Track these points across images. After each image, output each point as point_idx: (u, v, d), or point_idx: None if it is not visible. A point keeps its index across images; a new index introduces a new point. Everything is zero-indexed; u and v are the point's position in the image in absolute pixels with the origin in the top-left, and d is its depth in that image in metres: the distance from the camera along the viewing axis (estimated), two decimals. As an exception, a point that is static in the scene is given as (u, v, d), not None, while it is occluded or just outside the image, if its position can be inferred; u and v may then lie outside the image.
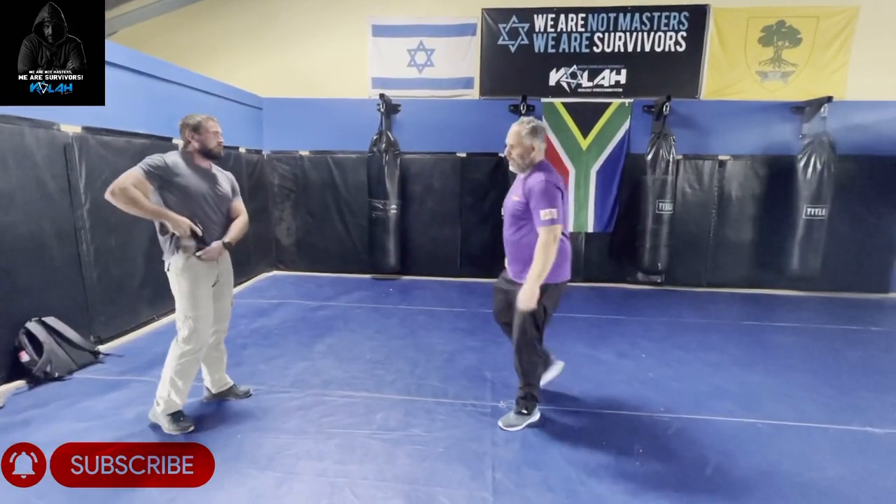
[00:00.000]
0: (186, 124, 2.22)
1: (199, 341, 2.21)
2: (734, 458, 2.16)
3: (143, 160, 2.09)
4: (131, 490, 1.83)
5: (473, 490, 1.89)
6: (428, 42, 5.59)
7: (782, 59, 5.22)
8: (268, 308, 4.32)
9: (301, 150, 5.67)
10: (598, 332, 3.84)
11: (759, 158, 5.19)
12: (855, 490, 1.94)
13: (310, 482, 1.91)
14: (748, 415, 2.53)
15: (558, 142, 5.30)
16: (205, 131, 2.22)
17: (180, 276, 2.16)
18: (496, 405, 2.59)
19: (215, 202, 2.28)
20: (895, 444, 2.29)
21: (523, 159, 2.20)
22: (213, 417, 2.40)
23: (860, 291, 5.21)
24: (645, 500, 1.85)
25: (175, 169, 2.14)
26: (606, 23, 5.33)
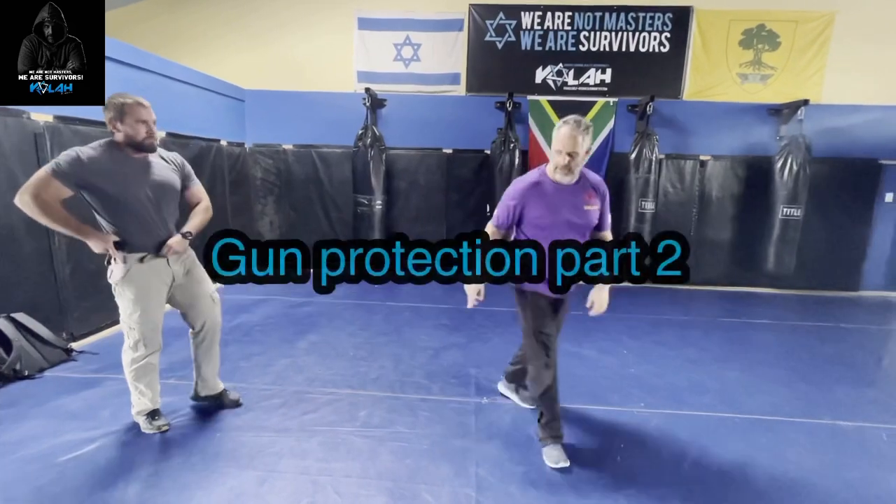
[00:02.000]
0: (109, 106, 1.87)
1: (148, 347, 2.06)
2: (711, 451, 2.21)
3: (62, 155, 1.82)
4: (105, 490, 1.78)
5: (457, 487, 1.89)
6: (414, 36, 5.54)
7: (762, 62, 5.34)
8: (249, 304, 4.24)
9: (285, 144, 5.58)
10: (582, 328, 3.88)
11: (739, 159, 5.30)
12: (825, 481, 2.01)
13: (292, 480, 1.88)
14: (725, 409, 2.59)
15: (544, 139, 5.32)
16: (130, 119, 1.87)
17: (123, 285, 1.95)
18: (479, 401, 2.60)
19: (157, 198, 1.99)
20: (863, 436, 2.37)
21: (580, 166, 1.92)
22: (192, 416, 2.35)
23: (832, 289, 5.39)
24: (626, 494, 1.88)
25: (92, 166, 1.83)
26: (592, 22, 5.37)
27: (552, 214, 1.93)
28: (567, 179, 1.91)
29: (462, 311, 4.21)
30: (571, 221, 1.95)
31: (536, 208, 1.94)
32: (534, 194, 1.94)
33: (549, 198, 1.93)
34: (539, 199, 1.94)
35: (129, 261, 1.94)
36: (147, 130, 1.91)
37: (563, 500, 1.83)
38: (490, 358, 3.20)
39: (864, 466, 2.13)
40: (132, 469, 1.92)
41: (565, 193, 1.94)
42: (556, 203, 1.93)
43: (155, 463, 1.97)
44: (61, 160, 1.81)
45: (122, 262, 1.93)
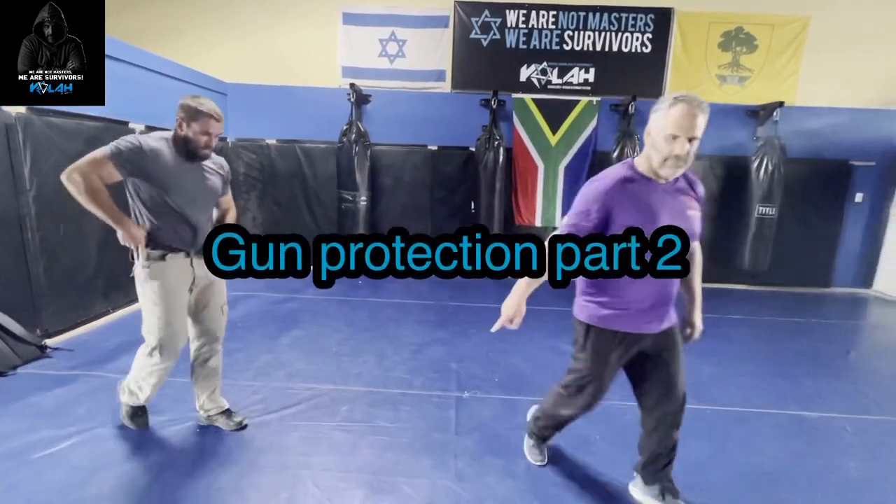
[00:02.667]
0: (184, 106, 1.83)
1: (166, 357, 1.94)
2: (684, 442, 2.24)
3: (122, 140, 1.78)
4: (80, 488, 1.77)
5: (436, 479, 1.92)
6: (400, 32, 5.53)
7: (740, 65, 5.47)
8: (231, 301, 4.15)
9: (268, 139, 5.52)
10: (564, 323, 3.92)
11: (717, 159, 5.43)
12: (791, 469, 2.09)
13: (271, 475, 1.89)
14: (699, 402, 2.67)
15: (528, 138, 5.37)
16: (196, 126, 1.82)
17: (145, 283, 1.88)
18: (461, 396, 2.63)
19: (203, 200, 1.97)
20: (827, 426, 2.48)
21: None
22: (170, 412, 2.33)
23: (805, 286, 5.57)
24: (600, 484, 1.94)
25: (153, 157, 1.80)
26: (576, 21, 5.43)
27: (649, 223, 1.47)
28: (674, 175, 1.49)
29: (446, 308, 4.25)
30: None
31: (627, 215, 1.48)
32: (623, 195, 1.49)
33: (644, 200, 1.49)
34: (631, 203, 1.48)
35: (153, 257, 1.87)
36: (206, 142, 1.87)
37: (540, 491, 1.88)
38: (472, 353, 3.23)
39: (828, 455, 2.22)
40: (108, 466, 1.90)
41: (664, 195, 1.51)
42: (654, 207, 1.49)
43: (132, 459, 1.95)
44: (122, 145, 1.77)
45: (145, 258, 1.85)
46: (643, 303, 1.57)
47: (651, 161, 1.49)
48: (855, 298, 5.33)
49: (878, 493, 1.95)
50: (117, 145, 1.76)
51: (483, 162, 5.18)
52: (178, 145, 1.87)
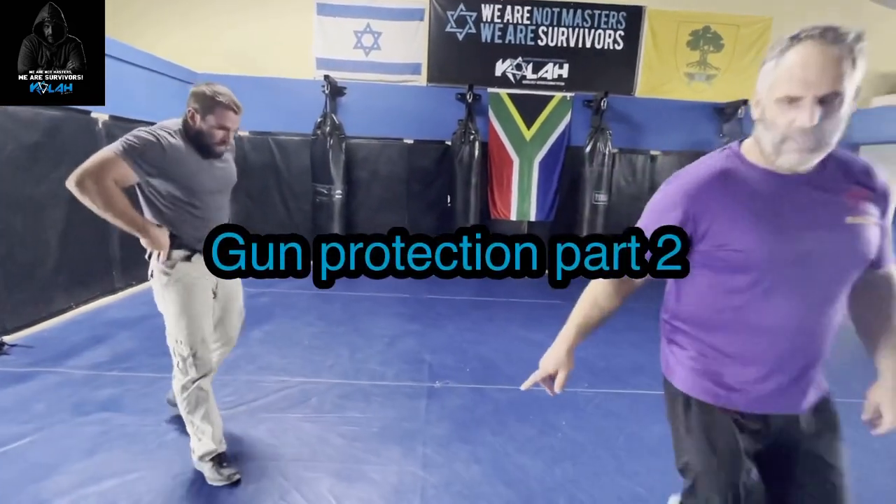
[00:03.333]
0: (197, 95, 1.63)
1: (201, 366, 1.75)
2: (646, 425, 2.37)
3: (132, 135, 1.56)
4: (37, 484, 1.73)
5: (404, 466, 1.95)
6: (375, 24, 5.48)
7: (707, 63, 5.63)
8: (202, 295, 4.12)
9: (240, 131, 5.41)
10: (536, 315, 4.02)
11: (686, 154, 5.59)
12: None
13: (237, 467, 1.88)
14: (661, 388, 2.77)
15: (503, 132, 5.42)
16: (212, 120, 1.63)
17: (167, 288, 1.69)
18: (432, 386, 2.67)
19: (222, 195, 1.82)
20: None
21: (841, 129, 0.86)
22: (131, 409, 2.29)
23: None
24: (563, 468, 2.00)
25: (172, 153, 1.60)
26: (550, 17, 5.48)
27: (772, 238, 0.90)
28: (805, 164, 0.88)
29: (421, 301, 4.27)
30: (818, 253, 0.89)
31: (732, 226, 0.92)
32: (723, 195, 0.94)
33: (760, 201, 0.91)
34: (738, 206, 0.92)
35: (175, 257, 1.70)
36: (222, 137, 1.68)
37: (505, 475, 1.93)
38: (445, 344, 3.27)
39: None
40: (67, 463, 1.86)
41: (798, 191, 0.91)
42: (779, 211, 0.91)
43: (92, 456, 1.92)
44: (135, 141, 1.55)
45: (168, 260, 1.69)
46: (773, 361, 0.96)
47: (762, 144, 0.90)
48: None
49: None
50: (129, 143, 1.54)
51: (459, 156, 5.21)
52: (189, 139, 1.67)
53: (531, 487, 1.86)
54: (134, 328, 3.30)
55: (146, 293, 4.10)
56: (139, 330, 3.27)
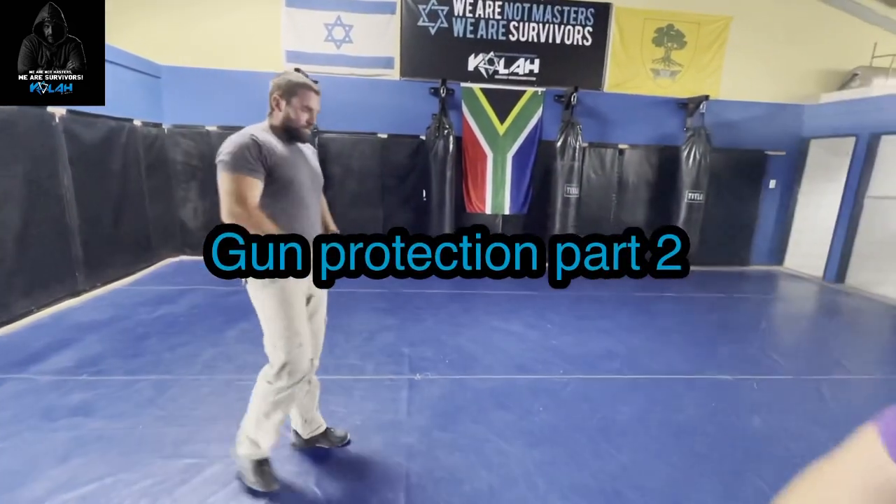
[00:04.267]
0: (278, 83, 1.65)
1: (295, 374, 1.69)
2: (617, 408, 2.49)
3: (224, 151, 1.51)
4: (10, 493, 1.68)
5: (387, 457, 2.00)
6: (346, 17, 5.41)
7: (671, 59, 5.84)
8: (173, 295, 4.02)
9: (208, 125, 5.26)
10: (511, 306, 4.12)
11: (652, 148, 5.80)
12: (707, 425, 2.36)
13: (220, 466, 1.88)
14: (631, 372, 2.92)
15: (477, 126, 5.47)
16: (297, 102, 1.64)
17: (265, 290, 1.63)
18: (412, 378, 2.71)
19: (316, 190, 1.76)
20: (739, 387, 2.79)
21: None
22: (104, 413, 2.24)
23: (728, 265, 6.12)
24: (541, 450, 2.09)
25: (273, 151, 1.58)
26: (521, 12, 5.55)
27: None
28: None
29: (398, 295, 4.30)
30: None
31: None
32: None
33: None
34: None
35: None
36: (308, 119, 1.68)
37: (485, 460, 2.00)
38: (424, 337, 3.32)
39: (738, 411, 2.51)
40: (40, 470, 1.81)
41: None
42: None
43: (66, 462, 1.87)
44: (235, 151, 1.50)
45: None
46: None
47: None
48: (769, 275, 5.94)
49: (776, 441, 2.25)
50: (232, 156, 1.50)
51: (433, 150, 5.23)
52: (278, 131, 1.67)
53: (511, 471, 1.94)
54: (102, 331, 3.19)
55: (114, 294, 3.98)
56: (107, 332, 3.16)
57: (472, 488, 1.83)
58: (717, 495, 1.85)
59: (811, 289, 5.34)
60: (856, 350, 3.60)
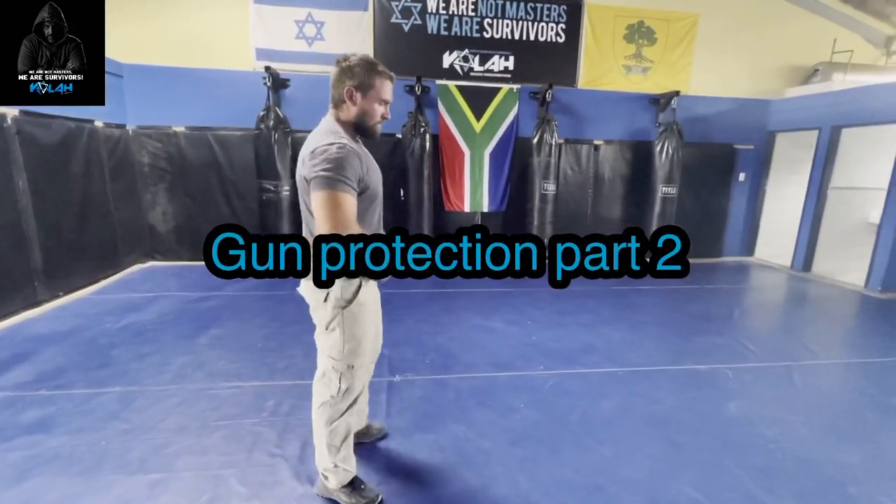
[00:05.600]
0: (352, 72, 1.41)
1: (355, 391, 1.61)
2: (597, 401, 2.50)
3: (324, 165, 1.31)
4: (-43, 519, 1.57)
5: (367, 461, 1.94)
6: (317, 14, 5.30)
7: (642, 56, 5.93)
8: (141, 302, 3.86)
9: (175, 126, 5.07)
10: (491, 303, 4.11)
11: (626, 143, 5.88)
12: (685, 415, 2.38)
13: (190, 478, 1.80)
14: (611, 365, 2.94)
15: (453, 123, 5.44)
16: (374, 94, 1.44)
17: (349, 311, 1.49)
18: (392, 380, 2.66)
19: (382, 193, 1.61)
20: (714, 376, 2.84)
21: None
22: (64, 429, 2.12)
23: (700, 257, 6.26)
24: (522, 447, 2.07)
25: (363, 160, 1.42)
26: (495, 9, 5.55)
27: None
28: None
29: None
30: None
31: None
32: None
33: None
34: None
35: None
36: (383, 114, 1.50)
37: (467, 460, 1.97)
38: (404, 338, 3.27)
39: (714, 399, 2.55)
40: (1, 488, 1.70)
41: None
42: None
43: (21, 483, 1.75)
44: (333, 166, 1.30)
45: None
46: None
47: None
48: (741, 265, 6.10)
49: (751, 427, 2.29)
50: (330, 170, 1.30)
51: (410, 148, 5.18)
52: (349, 129, 1.47)
53: (493, 469, 1.92)
54: (62, 343, 3.03)
55: (77, 304, 3.79)
56: (69, 344, 3.01)
57: (453, 490, 1.80)
58: (695, 484, 1.86)
59: (780, 278, 5.51)
60: (823, 336, 3.72)
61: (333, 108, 1.49)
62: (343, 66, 1.43)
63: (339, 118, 1.48)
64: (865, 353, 3.30)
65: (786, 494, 1.82)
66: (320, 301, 1.51)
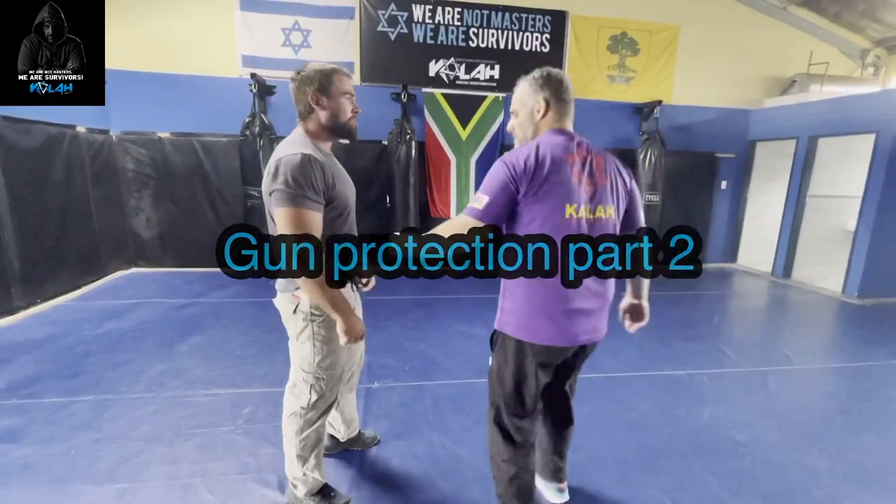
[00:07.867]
0: (309, 78, 1.41)
1: (327, 402, 1.60)
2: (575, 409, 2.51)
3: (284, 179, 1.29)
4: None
5: (341, 468, 1.94)
6: (303, 22, 5.33)
7: (626, 66, 6.04)
8: (121, 309, 3.82)
9: (160, 132, 5.05)
10: (476, 310, 4.12)
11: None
12: (660, 420, 2.41)
13: (159, 488, 1.78)
14: (589, 372, 2.94)
15: (440, 131, 5.48)
16: (335, 92, 1.42)
17: (316, 322, 1.49)
18: (371, 386, 2.66)
19: (353, 210, 1.58)
20: (691, 381, 2.88)
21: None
22: (32, 439, 2.09)
23: (685, 263, 6.33)
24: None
25: (330, 169, 1.40)
26: (481, 19, 5.62)
27: None
28: None
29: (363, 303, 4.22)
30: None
31: None
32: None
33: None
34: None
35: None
36: (353, 107, 1.48)
37: (440, 467, 1.98)
38: (386, 344, 3.27)
39: (690, 405, 2.59)
40: (-45, 503, 1.67)
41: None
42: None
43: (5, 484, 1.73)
44: (302, 180, 1.28)
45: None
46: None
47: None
48: (723, 272, 6.19)
49: (723, 432, 2.32)
50: (294, 187, 1.28)
51: (396, 155, 5.21)
52: (322, 137, 1.47)
53: (465, 477, 1.92)
54: (36, 351, 2.99)
55: (55, 311, 3.74)
56: (43, 352, 2.97)
57: (425, 497, 1.80)
58: (664, 490, 1.88)
59: (761, 284, 5.60)
60: (799, 341, 3.78)
61: (301, 122, 1.49)
62: (300, 77, 1.45)
63: (308, 129, 1.48)
64: (840, 359, 3.36)
65: (752, 498, 1.85)
66: (290, 312, 1.51)
